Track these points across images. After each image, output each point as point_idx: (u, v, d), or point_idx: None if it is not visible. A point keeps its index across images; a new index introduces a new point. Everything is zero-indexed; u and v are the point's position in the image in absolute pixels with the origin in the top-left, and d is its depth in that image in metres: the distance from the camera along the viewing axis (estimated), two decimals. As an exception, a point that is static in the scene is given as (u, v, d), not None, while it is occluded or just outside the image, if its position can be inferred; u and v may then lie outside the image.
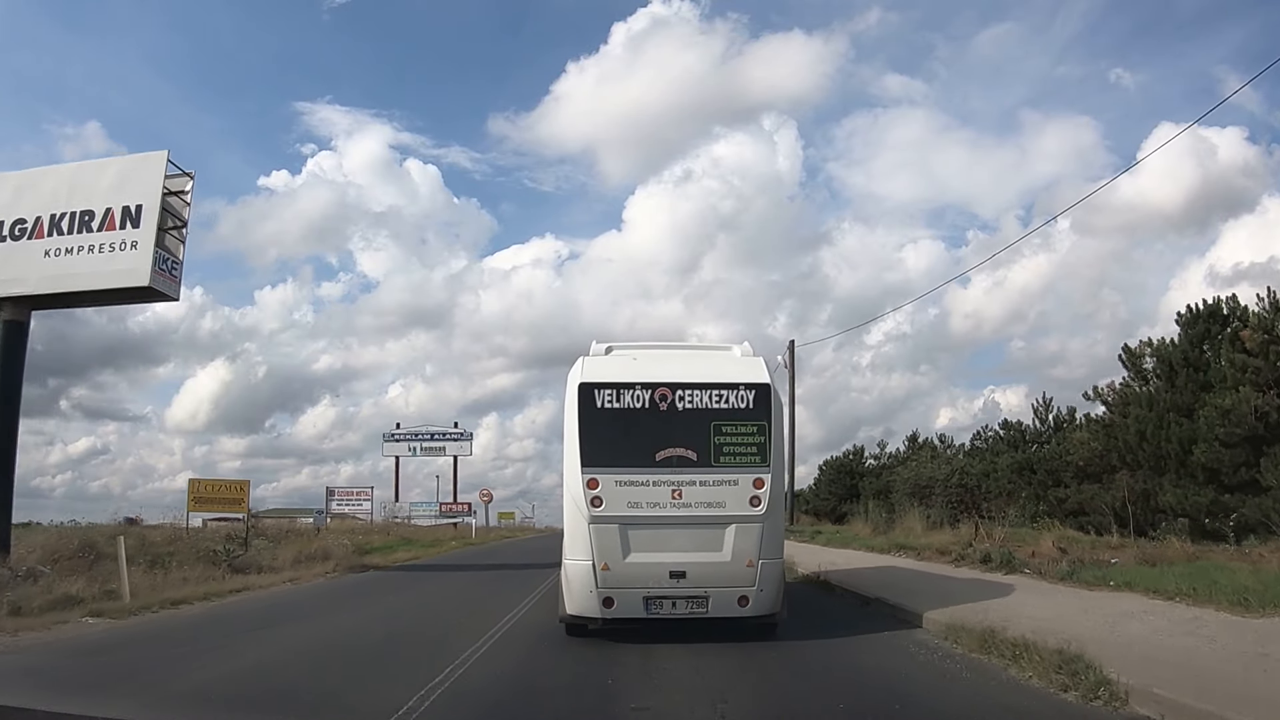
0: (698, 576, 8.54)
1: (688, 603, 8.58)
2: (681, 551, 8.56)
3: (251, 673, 7.75)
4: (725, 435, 8.71)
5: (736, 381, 8.89)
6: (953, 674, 7.28)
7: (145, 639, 10.04)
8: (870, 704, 6.40)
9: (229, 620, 11.68)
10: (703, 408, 8.76)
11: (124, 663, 8.39)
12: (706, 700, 6.46)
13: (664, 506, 8.54)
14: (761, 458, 8.67)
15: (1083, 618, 9.25)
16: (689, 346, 11.07)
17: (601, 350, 9.62)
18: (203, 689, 6.95)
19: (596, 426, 8.73)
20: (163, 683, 7.18)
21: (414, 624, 11.52)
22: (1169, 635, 8.15)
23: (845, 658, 8.31)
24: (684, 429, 8.70)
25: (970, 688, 6.79)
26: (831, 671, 7.70)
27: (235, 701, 6.59)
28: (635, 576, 8.53)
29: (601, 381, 8.88)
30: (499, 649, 8.81)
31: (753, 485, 8.60)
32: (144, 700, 6.46)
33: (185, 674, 7.54)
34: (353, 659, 8.56)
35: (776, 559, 8.87)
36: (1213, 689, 5.79)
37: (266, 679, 7.51)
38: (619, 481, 8.59)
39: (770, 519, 8.69)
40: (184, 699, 6.60)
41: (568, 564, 8.84)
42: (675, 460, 8.63)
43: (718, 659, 8.06)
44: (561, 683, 7.31)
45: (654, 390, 8.80)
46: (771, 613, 8.81)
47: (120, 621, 11.29)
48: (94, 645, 9.52)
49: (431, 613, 13.00)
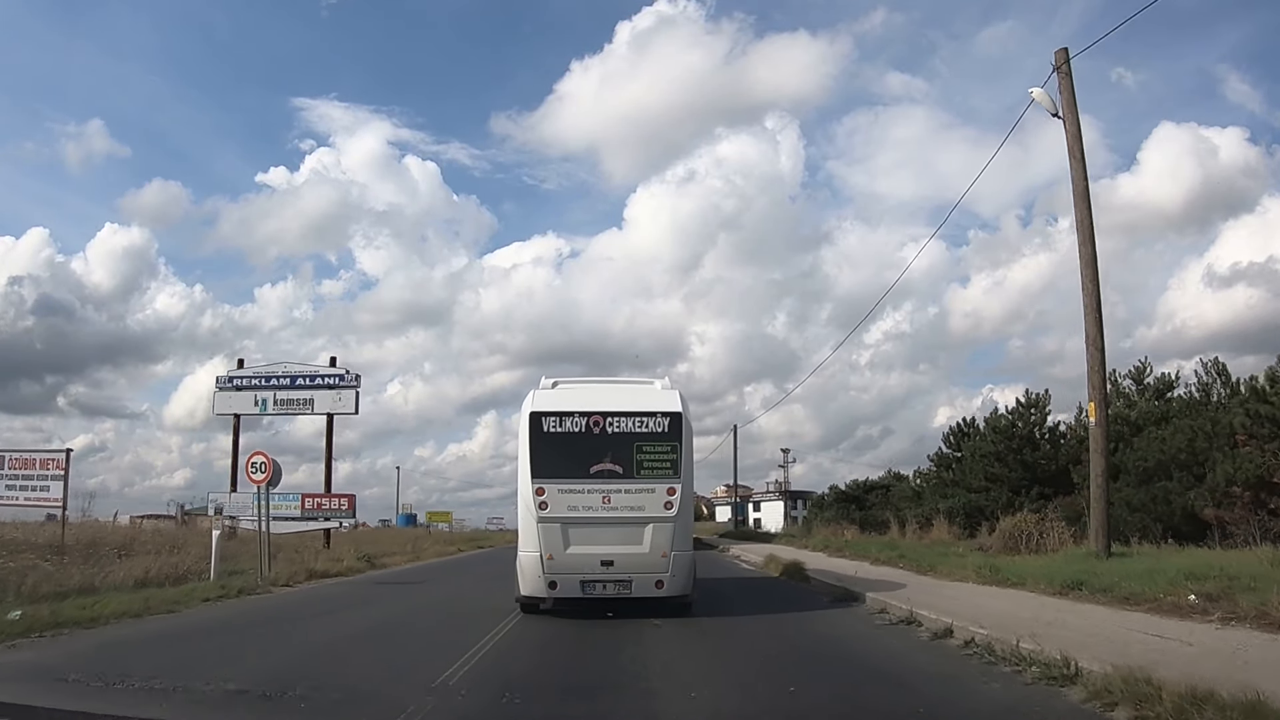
0: (623, 564, 10.83)
1: (615, 585, 10.86)
2: (610, 545, 10.83)
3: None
4: (645, 453, 11.02)
5: (655, 410, 11.23)
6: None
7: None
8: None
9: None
10: (627, 431, 11.06)
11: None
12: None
13: (596, 509, 10.82)
14: (674, 471, 11.00)
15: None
16: (620, 381, 13.43)
17: (549, 384, 11.92)
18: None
19: (543, 446, 10.98)
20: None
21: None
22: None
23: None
24: (612, 448, 10.98)
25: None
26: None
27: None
28: (574, 564, 10.78)
29: (547, 410, 11.16)
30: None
31: (666, 493, 10.93)
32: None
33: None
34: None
35: (686, 551, 11.20)
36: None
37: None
38: (561, 489, 10.84)
39: (680, 519, 11.02)
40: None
41: (521, 555, 11.06)
42: (605, 473, 10.89)
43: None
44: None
45: (589, 417, 11.09)
46: (684, 594, 11.12)
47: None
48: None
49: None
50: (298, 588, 17.22)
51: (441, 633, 10.58)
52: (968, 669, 7.32)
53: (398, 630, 10.83)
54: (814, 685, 6.96)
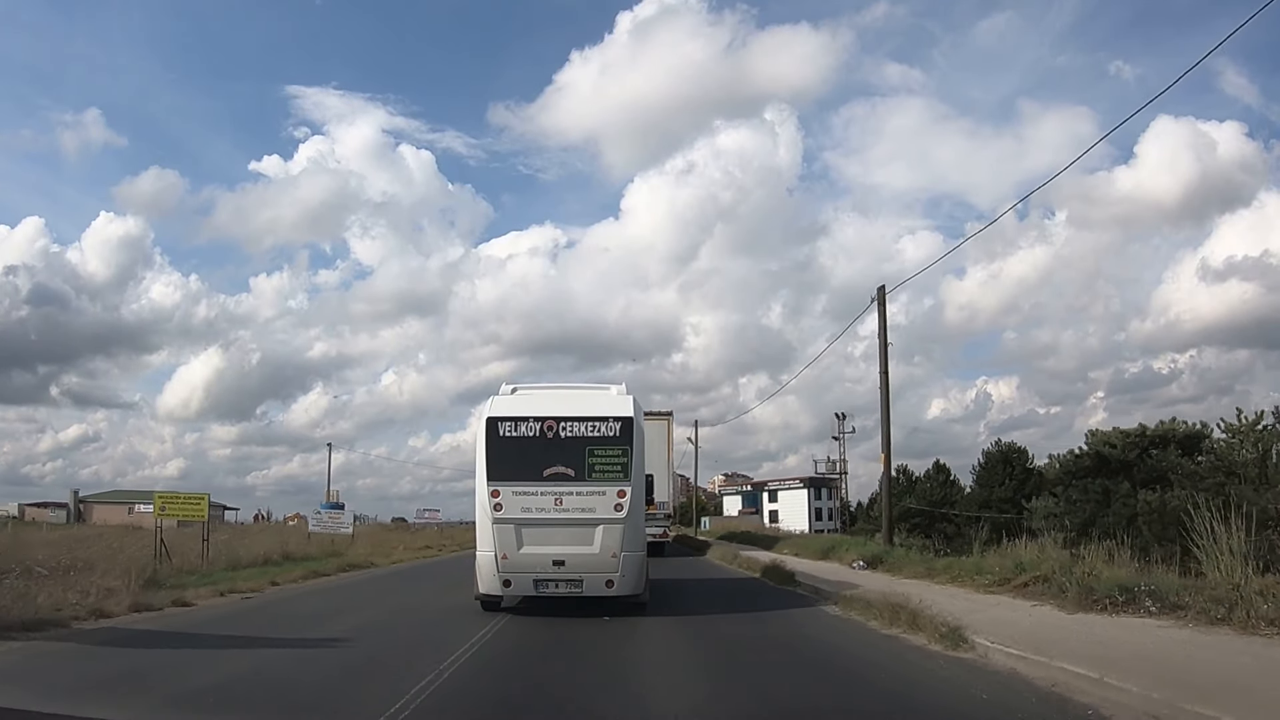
0: (574, 564, 11.27)
1: (567, 584, 11.31)
2: (562, 545, 11.26)
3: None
4: (596, 456, 11.44)
5: (607, 415, 11.65)
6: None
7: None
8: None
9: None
10: (579, 435, 11.49)
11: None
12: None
13: (549, 511, 11.25)
14: (624, 474, 11.42)
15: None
16: (577, 387, 13.83)
17: (508, 390, 12.37)
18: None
19: (499, 450, 11.42)
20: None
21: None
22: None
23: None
24: (565, 452, 11.40)
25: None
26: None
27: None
28: (527, 564, 11.23)
29: (504, 415, 11.59)
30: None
31: (617, 495, 11.34)
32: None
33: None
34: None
35: (637, 552, 11.61)
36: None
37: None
38: (515, 492, 11.28)
39: (630, 521, 11.44)
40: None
41: (478, 554, 11.52)
42: (557, 475, 11.33)
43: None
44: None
45: (543, 422, 11.52)
46: (635, 593, 11.56)
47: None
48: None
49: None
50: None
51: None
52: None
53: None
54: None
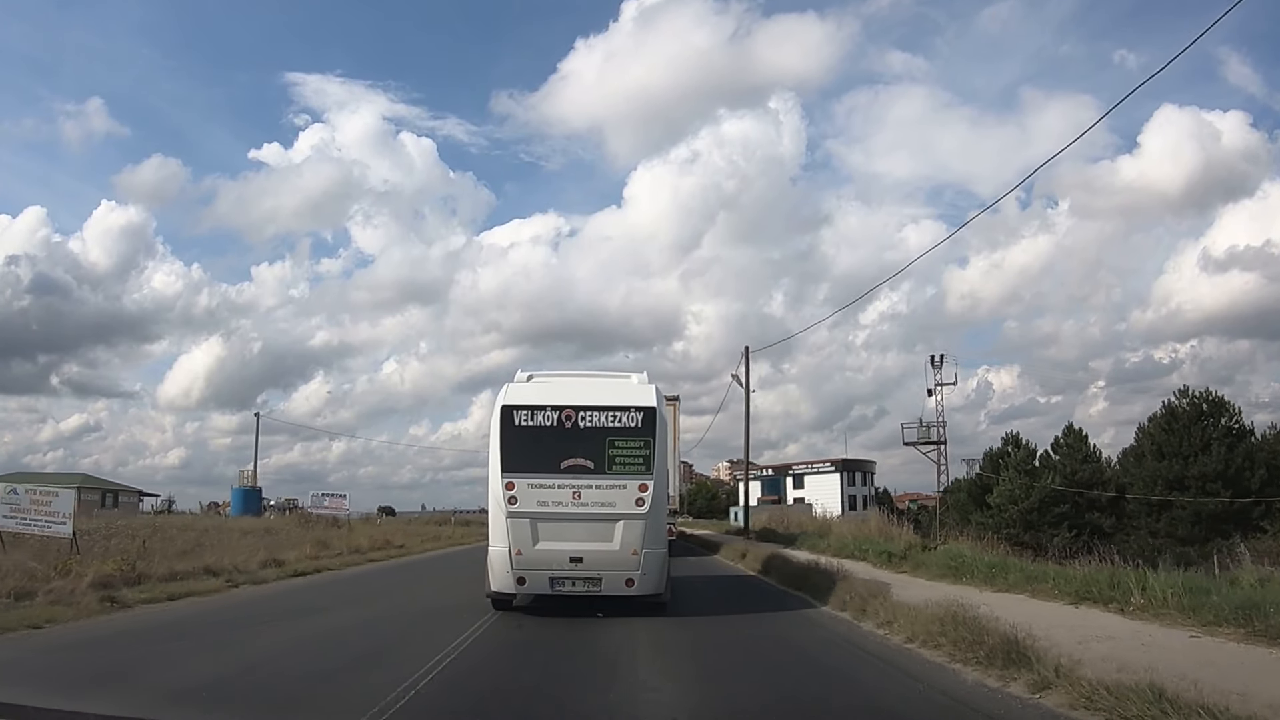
0: (592, 562, 10.66)
1: (585, 583, 10.70)
2: (580, 541, 10.66)
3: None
4: (617, 448, 10.82)
5: (628, 404, 11.00)
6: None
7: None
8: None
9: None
10: (599, 425, 10.86)
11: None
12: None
13: (566, 505, 10.63)
14: (646, 467, 10.79)
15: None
16: (596, 374, 13.18)
17: (524, 378, 11.70)
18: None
19: (514, 440, 10.81)
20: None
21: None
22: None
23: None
24: (584, 443, 10.78)
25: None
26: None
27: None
28: (542, 561, 10.63)
29: (519, 404, 10.96)
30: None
31: (638, 489, 10.72)
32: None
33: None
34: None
35: (658, 549, 11.00)
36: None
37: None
38: (530, 484, 10.67)
39: (652, 516, 10.82)
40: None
41: (491, 550, 10.92)
42: (576, 468, 10.71)
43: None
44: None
45: (560, 411, 10.89)
46: (656, 593, 10.94)
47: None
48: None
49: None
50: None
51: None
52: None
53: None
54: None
